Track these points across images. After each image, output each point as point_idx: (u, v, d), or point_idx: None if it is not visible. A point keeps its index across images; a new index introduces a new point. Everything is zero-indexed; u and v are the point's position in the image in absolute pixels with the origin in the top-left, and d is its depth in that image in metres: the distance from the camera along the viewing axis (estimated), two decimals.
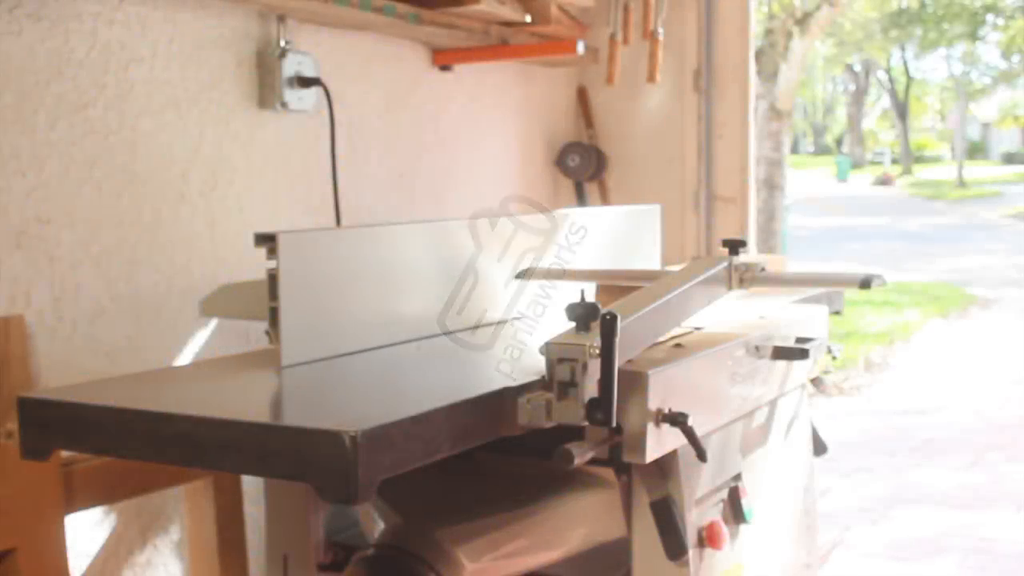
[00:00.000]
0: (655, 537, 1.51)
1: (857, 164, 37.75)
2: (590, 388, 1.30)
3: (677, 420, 1.43)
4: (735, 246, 1.83)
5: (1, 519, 1.83)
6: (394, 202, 2.89)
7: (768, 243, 8.01)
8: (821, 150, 45.95)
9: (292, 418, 1.38)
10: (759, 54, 8.29)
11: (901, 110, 33.86)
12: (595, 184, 3.66)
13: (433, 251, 1.85)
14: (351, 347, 1.68)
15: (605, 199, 3.66)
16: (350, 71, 2.73)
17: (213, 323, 2.33)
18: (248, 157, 2.44)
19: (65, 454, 1.92)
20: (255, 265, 2.37)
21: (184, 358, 2.28)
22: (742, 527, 1.68)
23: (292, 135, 2.56)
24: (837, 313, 2.32)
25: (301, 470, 1.19)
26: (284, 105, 2.47)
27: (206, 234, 2.34)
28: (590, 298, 1.35)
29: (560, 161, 3.62)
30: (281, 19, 2.47)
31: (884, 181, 32.90)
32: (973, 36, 23.04)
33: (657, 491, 1.52)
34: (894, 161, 37.80)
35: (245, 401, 1.50)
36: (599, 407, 1.29)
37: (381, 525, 1.72)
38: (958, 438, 5.60)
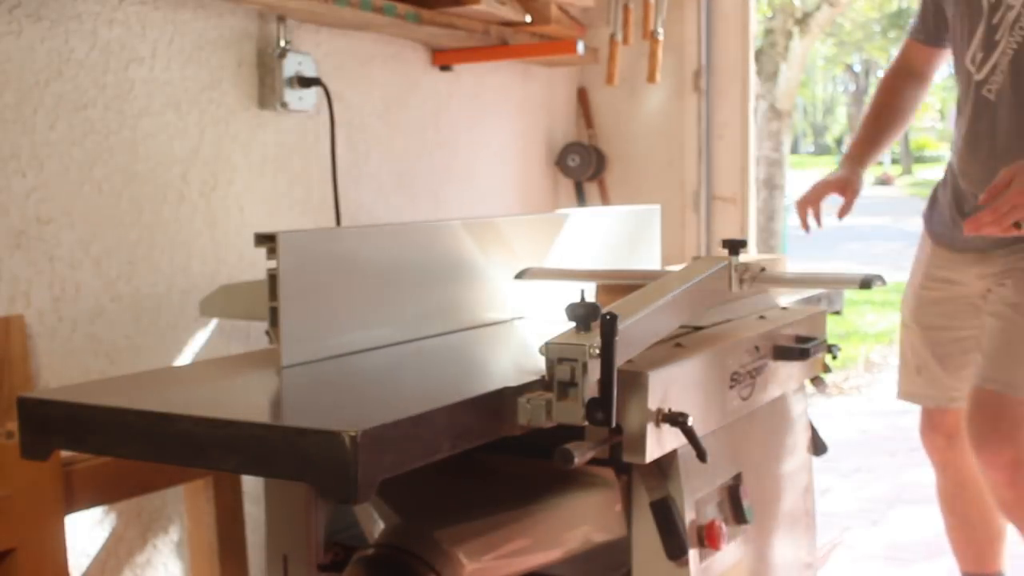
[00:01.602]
0: (655, 537, 1.51)
1: None
2: (590, 388, 1.30)
3: (677, 420, 1.43)
4: (735, 246, 1.83)
5: (1, 519, 1.83)
6: (394, 202, 2.89)
7: (768, 243, 8.01)
8: (821, 150, 45.93)
9: (292, 418, 1.38)
10: (759, 54, 8.29)
11: None
12: (595, 184, 3.66)
13: (433, 251, 1.85)
14: (351, 347, 1.68)
15: (605, 199, 3.66)
16: (350, 71, 2.73)
17: (213, 323, 2.33)
18: (248, 157, 2.44)
19: (65, 454, 1.92)
20: (255, 265, 2.39)
21: (184, 358, 2.28)
22: (742, 527, 1.68)
23: (292, 135, 2.56)
24: (837, 313, 2.32)
25: (301, 470, 1.19)
26: (284, 105, 2.47)
27: (206, 234, 2.34)
28: (590, 298, 1.35)
29: (560, 161, 3.62)
30: (281, 19, 2.47)
31: (884, 181, 32.91)
32: None
33: (657, 491, 1.52)
34: (894, 161, 37.80)
35: (245, 401, 1.50)
36: (599, 407, 1.29)
37: (381, 525, 1.72)
38: None
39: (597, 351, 1.29)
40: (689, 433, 1.44)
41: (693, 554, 1.52)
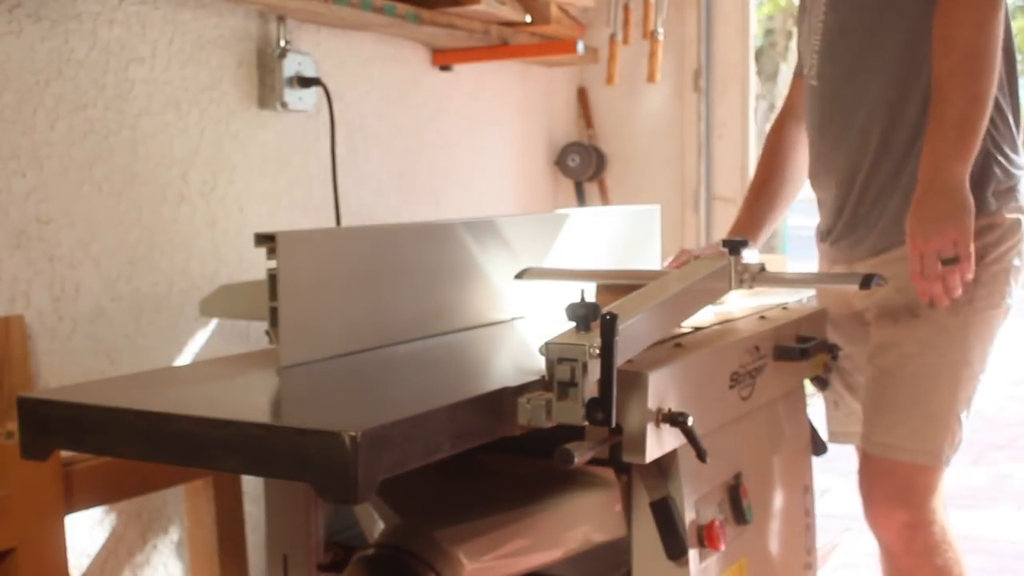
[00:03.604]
0: (655, 537, 1.51)
1: None
2: (590, 388, 1.30)
3: (677, 420, 1.43)
4: (735, 246, 1.83)
5: (1, 519, 1.83)
6: (394, 202, 2.89)
7: (768, 243, 8.01)
8: None
9: (292, 418, 1.38)
10: (759, 54, 8.29)
11: None
12: (595, 184, 3.66)
13: (433, 251, 1.85)
14: (351, 347, 1.68)
15: (605, 199, 3.66)
16: (350, 71, 2.73)
17: (213, 323, 2.33)
18: (248, 157, 2.44)
19: (65, 454, 1.92)
20: (255, 265, 2.39)
21: (184, 358, 2.28)
22: (742, 527, 1.68)
23: (292, 135, 2.56)
24: None
25: (301, 470, 1.19)
26: (284, 105, 2.47)
27: (206, 234, 2.34)
28: (590, 298, 1.35)
29: (560, 161, 3.62)
30: (281, 19, 2.47)
31: None
32: None
33: (657, 491, 1.52)
34: None
35: (245, 401, 1.50)
36: (599, 407, 1.29)
37: (381, 525, 1.72)
38: None
39: (597, 351, 1.29)
40: (689, 433, 1.44)
41: (693, 554, 1.52)
